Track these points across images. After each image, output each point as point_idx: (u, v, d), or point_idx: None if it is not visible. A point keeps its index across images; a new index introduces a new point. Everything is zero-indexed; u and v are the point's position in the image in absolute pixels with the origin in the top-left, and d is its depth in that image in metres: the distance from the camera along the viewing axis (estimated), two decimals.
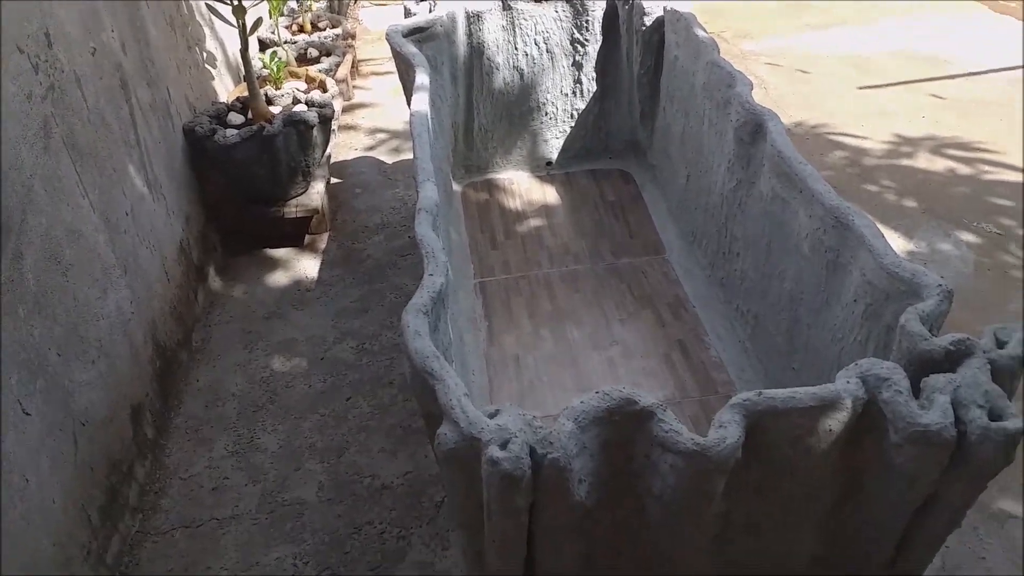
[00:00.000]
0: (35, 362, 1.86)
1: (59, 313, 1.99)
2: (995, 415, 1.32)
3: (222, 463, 2.45)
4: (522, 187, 3.52)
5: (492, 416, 1.42)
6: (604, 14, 3.26)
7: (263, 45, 4.18)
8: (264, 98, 3.33)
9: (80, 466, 2.01)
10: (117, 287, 2.33)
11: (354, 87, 4.68)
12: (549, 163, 3.57)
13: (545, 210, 3.37)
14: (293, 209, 3.21)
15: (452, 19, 3.13)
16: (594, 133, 3.53)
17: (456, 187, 3.50)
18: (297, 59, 4.10)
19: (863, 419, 1.41)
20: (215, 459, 2.47)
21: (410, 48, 2.85)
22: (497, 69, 3.31)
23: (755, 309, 2.45)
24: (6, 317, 1.76)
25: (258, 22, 3.06)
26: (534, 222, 3.30)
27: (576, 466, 1.37)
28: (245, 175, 3.05)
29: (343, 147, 4.10)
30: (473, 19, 3.17)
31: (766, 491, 1.47)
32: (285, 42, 4.14)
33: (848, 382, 1.38)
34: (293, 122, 2.99)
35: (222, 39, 3.65)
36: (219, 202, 3.25)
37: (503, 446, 1.31)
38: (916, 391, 1.39)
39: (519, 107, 3.42)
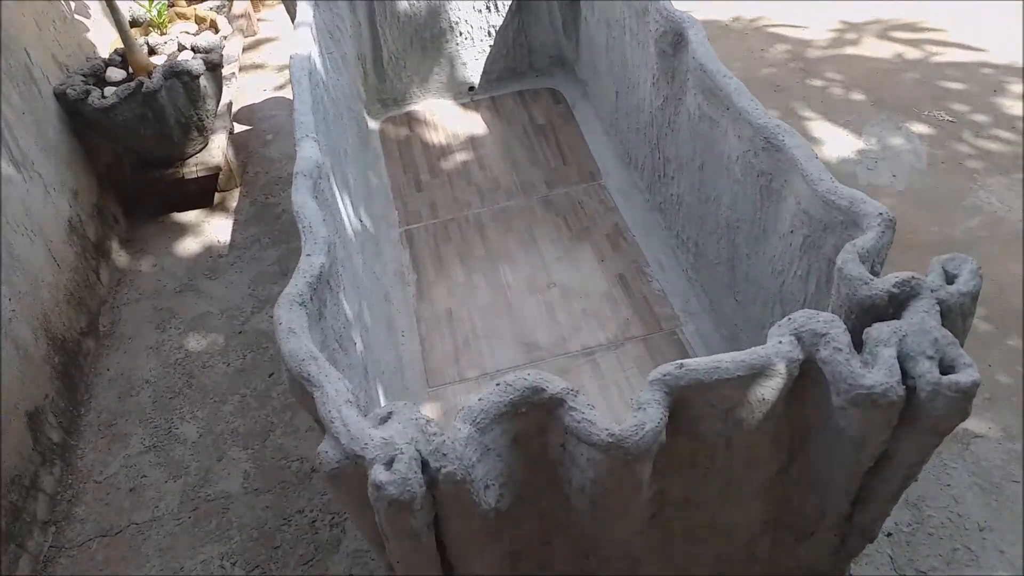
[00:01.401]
0: None
1: None
2: (947, 366, 1.16)
3: (139, 460, 2.27)
4: (444, 117, 3.25)
5: (383, 421, 1.24)
6: None
7: None
8: (146, 48, 3.00)
9: None
10: None
11: (259, 20, 4.30)
12: (472, 88, 3.30)
13: (471, 141, 3.12)
14: (193, 169, 2.94)
15: None
16: (516, 50, 3.24)
17: (373, 124, 3.22)
18: None
19: (802, 378, 1.24)
20: (131, 456, 2.28)
21: (304, 21, 2.53)
22: None
23: (694, 236, 2.27)
24: None
25: None
26: (460, 156, 3.06)
27: (479, 473, 1.20)
28: (131, 137, 2.76)
29: (249, 89, 3.77)
30: None
31: (701, 466, 1.32)
32: None
33: (781, 342, 1.21)
34: (175, 73, 2.69)
35: None
36: (112, 169, 2.97)
37: (389, 464, 1.13)
38: (860, 342, 1.23)
39: (429, 29, 3.12)
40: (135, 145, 2.80)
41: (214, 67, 2.80)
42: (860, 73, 3.37)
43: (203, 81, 2.77)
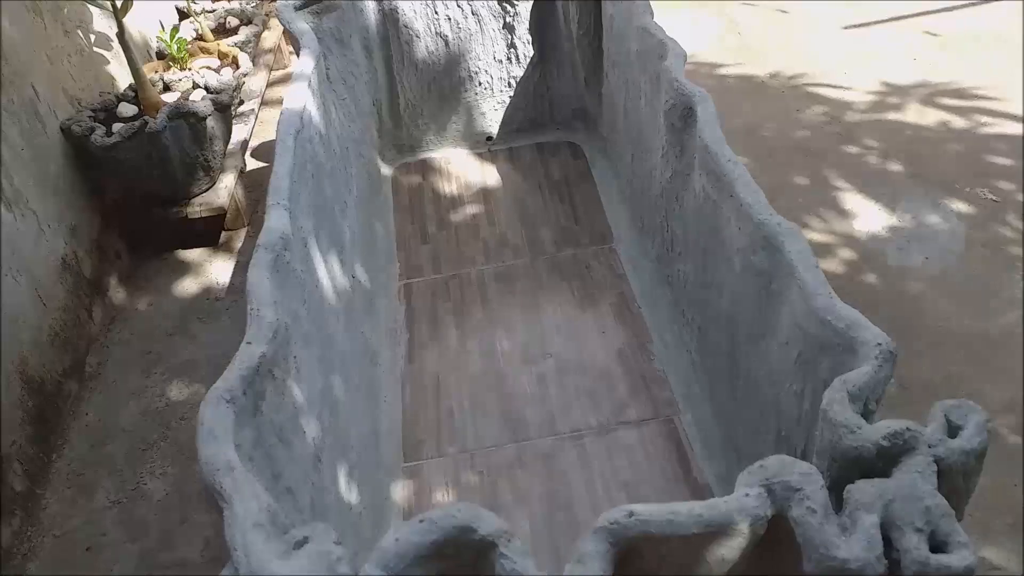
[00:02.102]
0: None
1: None
2: (939, 540, 1.00)
3: (102, 516, 2.18)
4: (459, 167, 3.16)
5: (298, 546, 1.12)
6: None
7: (182, 14, 3.78)
8: (162, 84, 2.96)
9: None
10: None
11: (291, 53, 4.27)
12: (490, 138, 3.20)
13: (483, 194, 3.01)
14: (197, 209, 2.88)
15: None
16: (537, 101, 3.14)
17: (386, 170, 3.14)
18: (215, 31, 3.70)
19: (772, 531, 1.09)
20: (95, 511, 2.20)
21: (300, 25, 2.47)
22: (417, 37, 2.91)
23: (699, 319, 2.11)
24: None
25: (127, 3, 2.67)
26: (471, 209, 2.95)
27: None
28: (135, 176, 2.71)
29: (271, 124, 3.73)
30: None
31: None
32: (204, 11, 3.74)
33: (747, 495, 1.05)
34: (181, 114, 2.63)
35: None
36: (120, 205, 2.92)
37: None
38: (841, 498, 1.07)
39: (448, 78, 3.03)
40: (139, 184, 2.75)
41: (223, 108, 2.75)
42: (900, 141, 3.18)
43: (210, 122, 2.72)
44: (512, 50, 2.99)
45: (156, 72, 3.07)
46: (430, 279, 2.69)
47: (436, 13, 2.87)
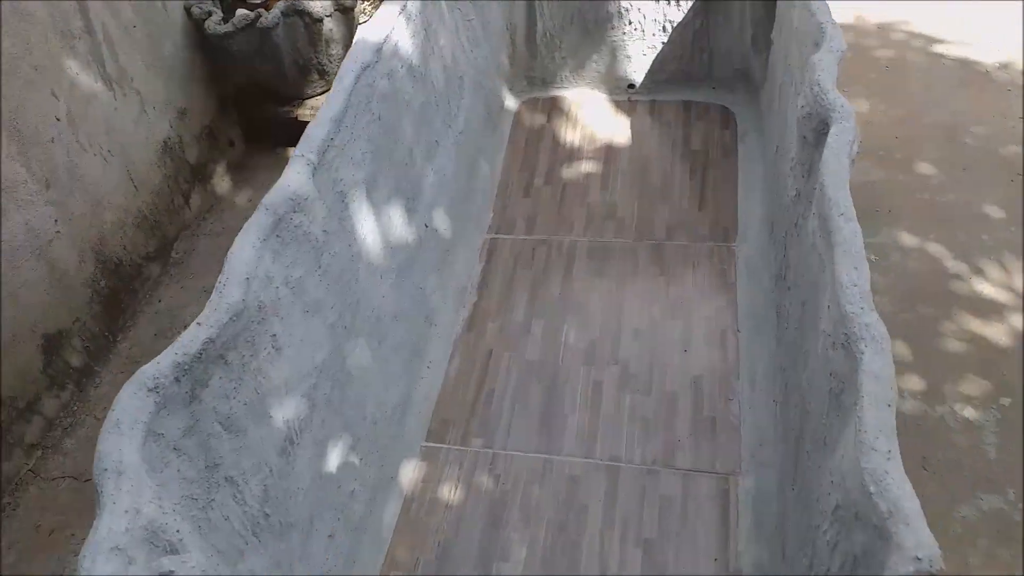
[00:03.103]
0: None
1: None
2: None
3: None
4: (590, 113, 2.81)
5: None
6: None
7: None
8: None
9: None
10: (29, 206, 2.04)
11: None
12: (632, 86, 2.82)
13: (606, 150, 2.67)
14: (308, 112, 2.76)
15: None
16: (693, 53, 2.70)
17: (511, 103, 2.86)
18: None
19: None
20: None
21: None
22: None
23: (789, 373, 1.75)
24: None
25: None
26: (587, 166, 2.63)
27: None
28: (246, 69, 2.61)
29: None
30: None
31: None
32: None
33: None
34: (296, 12, 2.48)
35: None
36: (238, 94, 2.86)
37: None
38: None
39: (595, 10, 2.66)
40: (250, 77, 2.66)
41: (345, 11, 2.56)
42: None
43: (328, 24, 2.54)
44: None
45: None
46: (519, 239, 2.44)
47: None
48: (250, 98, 2.83)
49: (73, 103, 2.16)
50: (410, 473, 1.91)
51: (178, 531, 1.11)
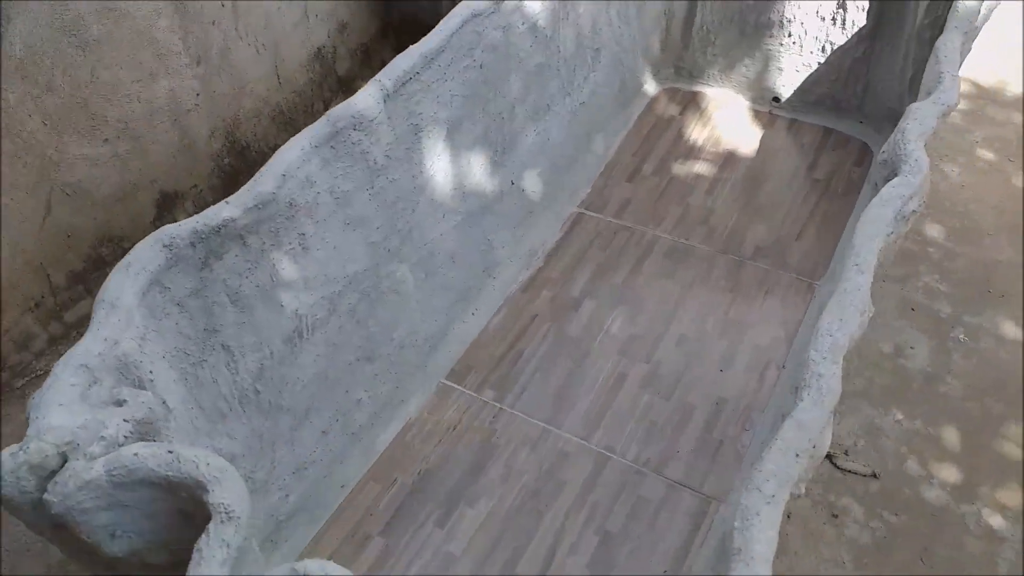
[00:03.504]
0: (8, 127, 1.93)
1: (58, 85, 2.01)
2: None
3: None
4: (726, 116, 2.74)
5: (118, 404, 1.14)
6: None
7: None
8: None
9: (48, 230, 2.12)
10: (177, 75, 2.30)
11: None
12: (776, 99, 2.71)
13: (728, 157, 2.61)
14: None
15: None
16: (849, 81, 2.55)
17: (651, 88, 2.83)
18: None
19: None
20: None
21: None
22: None
23: None
24: None
25: None
26: (701, 167, 2.58)
27: (100, 520, 1.05)
28: (407, 2, 2.76)
29: None
30: None
31: None
32: None
33: None
34: None
35: None
36: (402, 22, 3.02)
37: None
38: None
39: (756, 15, 2.57)
40: (407, 12, 2.80)
41: None
42: None
43: None
44: (841, 11, 2.42)
45: None
46: (605, 220, 2.45)
47: None
48: (409, 29, 2.98)
49: None
50: (420, 402, 2.02)
51: (151, 372, 1.27)
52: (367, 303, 1.81)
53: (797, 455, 0.99)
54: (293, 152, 1.47)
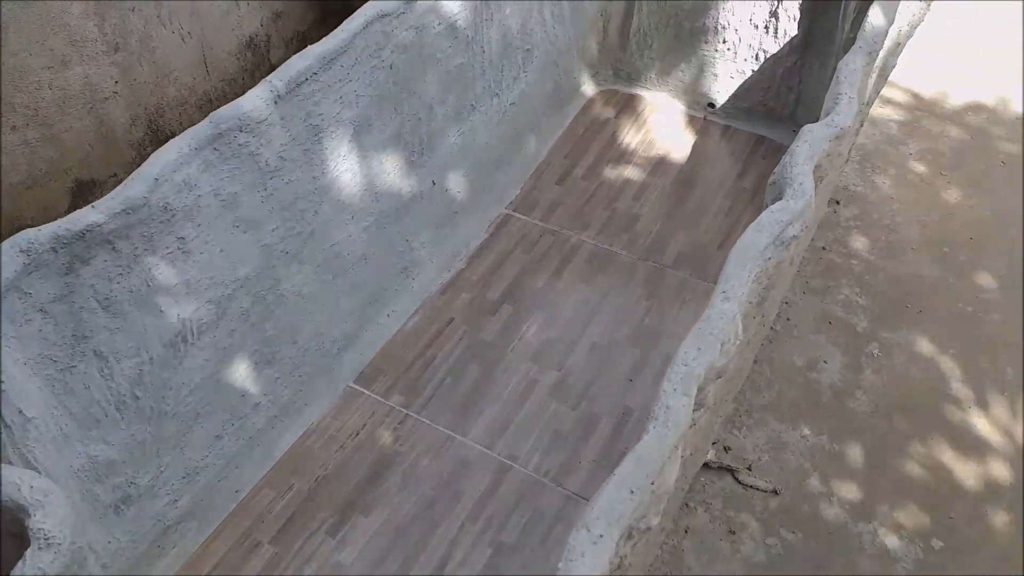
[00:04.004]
0: None
1: None
2: None
3: None
4: (660, 120, 2.72)
5: None
6: None
7: None
8: None
9: None
10: (92, 62, 2.23)
11: None
12: (711, 105, 2.69)
13: (658, 162, 2.59)
14: None
15: None
16: (781, 90, 2.54)
17: (589, 88, 2.80)
18: None
19: None
20: None
21: None
22: None
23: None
24: None
25: None
26: (630, 172, 2.56)
27: None
28: None
29: None
30: None
31: None
32: None
33: None
34: None
35: None
36: (340, 9, 2.96)
37: None
38: None
39: (692, 20, 2.54)
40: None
41: None
42: None
43: None
44: (774, 19, 2.40)
45: None
46: (532, 222, 2.42)
47: None
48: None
49: None
50: (323, 406, 1.99)
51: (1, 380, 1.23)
52: (262, 306, 1.77)
53: (632, 492, 0.97)
54: (169, 155, 1.43)
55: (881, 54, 1.73)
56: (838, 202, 2.53)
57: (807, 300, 2.27)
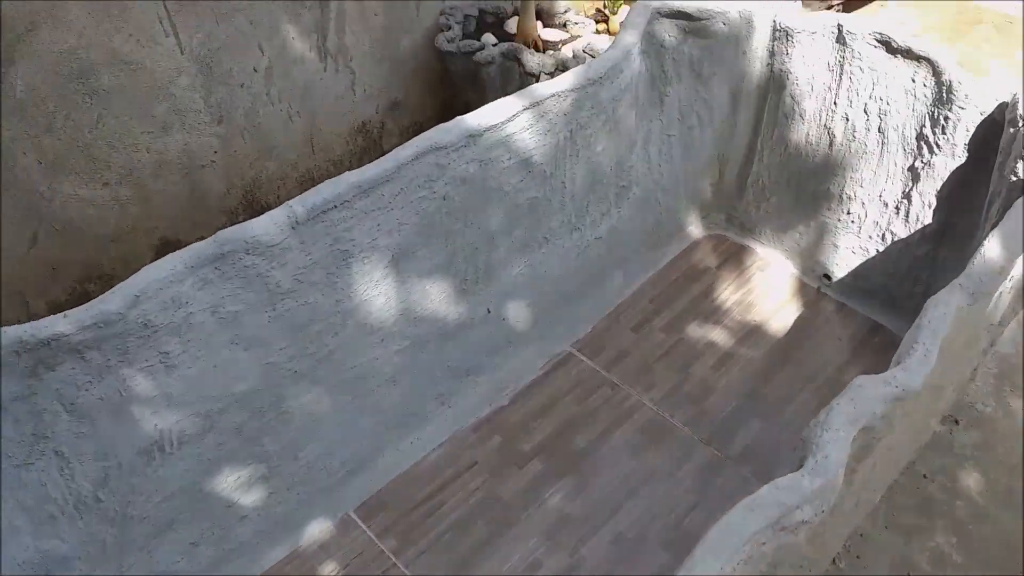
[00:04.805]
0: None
1: (59, 127, 2.03)
2: None
3: None
4: (768, 282, 2.44)
5: None
6: (979, 124, 1.87)
7: None
8: (539, 17, 2.74)
9: (32, 261, 2.15)
10: (194, 131, 2.29)
11: None
12: (828, 276, 2.39)
13: (752, 331, 2.31)
14: None
15: (747, 22, 2.11)
16: (906, 279, 2.21)
17: (696, 230, 2.58)
18: None
19: None
20: None
21: (629, 37, 2.03)
22: (800, 117, 2.20)
23: None
24: None
25: None
26: (717, 334, 2.30)
27: None
28: (460, 90, 2.66)
29: None
30: (781, 36, 2.09)
31: None
32: None
33: None
34: (515, 58, 2.45)
35: None
36: (464, 105, 2.93)
37: None
38: None
39: (815, 183, 2.28)
40: (460, 96, 2.70)
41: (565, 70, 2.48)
42: None
43: (543, 79, 2.48)
44: (906, 201, 2.09)
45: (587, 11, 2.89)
46: (593, 368, 2.22)
47: (835, 103, 2.11)
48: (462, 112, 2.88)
49: (277, 61, 2.37)
50: (316, 531, 1.87)
51: None
52: (259, 422, 1.68)
53: None
54: (160, 272, 1.38)
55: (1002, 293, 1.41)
56: (956, 421, 2.14)
57: (888, 538, 1.91)
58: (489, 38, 2.63)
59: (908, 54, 1.94)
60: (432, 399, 2.05)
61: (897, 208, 2.12)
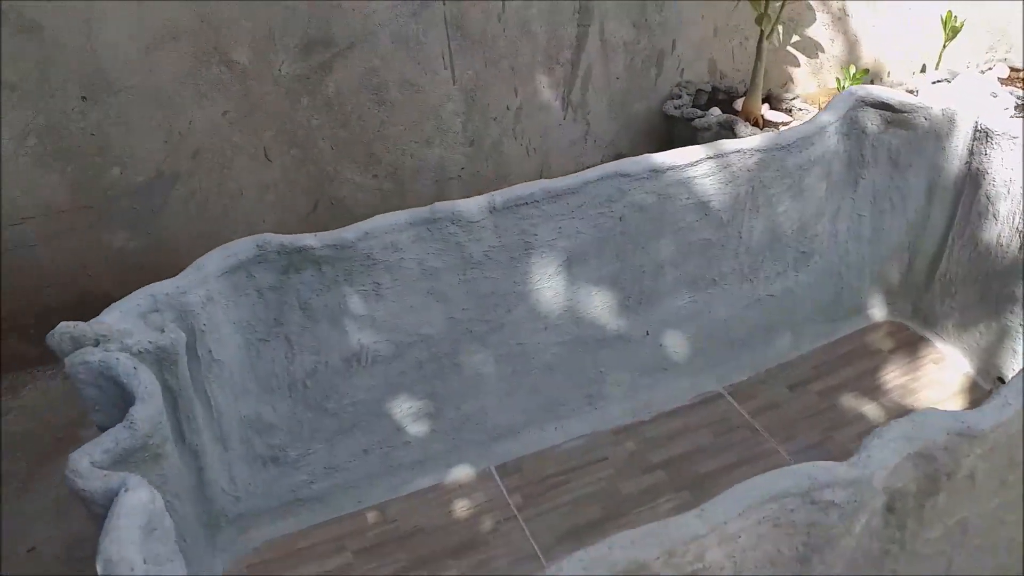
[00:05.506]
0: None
1: (352, 125, 2.65)
2: None
3: None
4: (938, 376, 2.45)
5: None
6: None
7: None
8: (769, 100, 2.99)
9: (311, 223, 2.79)
10: (450, 148, 2.83)
11: None
12: (1001, 380, 2.35)
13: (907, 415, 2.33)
14: None
15: (950, 120, 2.21)
16: None
17: (879, 314, 2.65)
18: None
19: None
20: None
21: (827, 117, 2.23)
22: (993, 217, 2.24)
23: None
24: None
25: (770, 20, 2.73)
26: (871, 411, 2.36)
27: (90, 393, 1.50)
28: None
29: None
30: (982, 136, 2.17)
31: None
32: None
33: None
34: (730, 128, 2.74)
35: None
36: None
37: None
38: None
39: (1000, 284, 2.28)
40: None
41: None
42: None
43: None
44: None
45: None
46: (739, 411, 2.38)
47: None
48: None
49: (526, 104, 2.86)
50: (459, 474, 2.22)
51: (204, 323, 1.71)
52: (437, 365, 2.08)
53: None
54: (387, 220, 1.84)
55: None
56: None
57: None
58: (715, 111, 2.94)
59: None
60: (582, 396, 2.34)
61: None
